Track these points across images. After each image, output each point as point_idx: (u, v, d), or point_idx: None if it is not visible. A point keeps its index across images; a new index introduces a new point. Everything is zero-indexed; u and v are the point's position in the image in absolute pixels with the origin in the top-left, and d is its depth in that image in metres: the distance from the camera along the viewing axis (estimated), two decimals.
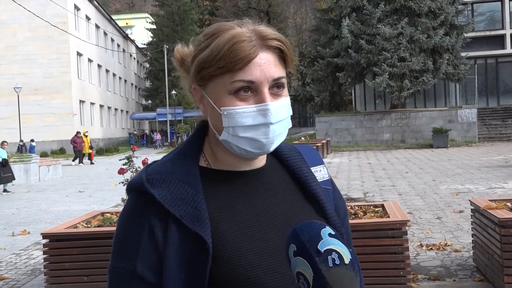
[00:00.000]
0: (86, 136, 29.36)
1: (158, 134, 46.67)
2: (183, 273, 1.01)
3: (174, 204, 1.03)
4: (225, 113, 1.04)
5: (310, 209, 1.16)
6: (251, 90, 1.04)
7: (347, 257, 0.87)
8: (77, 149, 28.00)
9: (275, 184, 1.15)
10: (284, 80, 1.07)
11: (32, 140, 34.08)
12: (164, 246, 1.02)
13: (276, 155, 1.20)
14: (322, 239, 0.89)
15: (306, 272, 0.88)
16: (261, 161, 1.16)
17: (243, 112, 1.04)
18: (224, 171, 1.12)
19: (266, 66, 1.03)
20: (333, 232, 0.91)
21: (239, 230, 1.05)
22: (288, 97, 1.09)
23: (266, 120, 1.04)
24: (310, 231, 0.91)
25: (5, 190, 15.82)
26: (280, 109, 1.06)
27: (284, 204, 1.13)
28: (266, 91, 1.04)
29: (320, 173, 1.23)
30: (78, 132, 29.18)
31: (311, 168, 1.21)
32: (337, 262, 0.86)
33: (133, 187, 1.08)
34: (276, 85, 1.05)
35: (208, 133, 1.15)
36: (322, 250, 0.87)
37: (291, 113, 1.10)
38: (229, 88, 1.03)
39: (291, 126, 1.12)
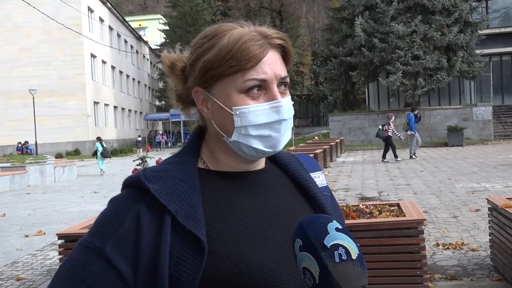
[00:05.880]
0: None
1: (161, 135, 46.62)
2: (173, 270, 0.97)
3: (170, 199, 1.00)
4: (237, 112, 1.04)
5: (312, 211, 1.15)
6: (261, 89, 1.04)
7: (354, 252, 0.85)
8: None
9: (275, 185, 1.14)
10: (288, 79, 1.10)
11: (26, 142, 34.56)
12: (159, 241, 0.97)
13: (275, 161, 1.20)
14: (329, 233, 0.87)
15: (312, 267, 0.85)
16: (260, 164, 1.15)
17: (256, 110, 1.03)
18: (224, 171, 1.11)
19: (274, 64, 1.05)
20: (340, 227, 0.89)
21: (238, 229, 1.03)
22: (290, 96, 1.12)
23: (279, 117, 1.05)
24: (316, 225, 0.89)
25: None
26: (289, 105, 1.08)
27: (285, 205, 1.12)
28: (275, 88, 1.05)
29: (318, 179, 1.24)
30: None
31: (310, 174, 1.22)
32: (344, 257, 0.84)
33: (128, 183, 1.07)
34: (282, 83, 1.07)
35: (205, 137, 1.14)
36: (329, 245, 0.85)
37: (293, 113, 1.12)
38: (240, 87, 1.03)
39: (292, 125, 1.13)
